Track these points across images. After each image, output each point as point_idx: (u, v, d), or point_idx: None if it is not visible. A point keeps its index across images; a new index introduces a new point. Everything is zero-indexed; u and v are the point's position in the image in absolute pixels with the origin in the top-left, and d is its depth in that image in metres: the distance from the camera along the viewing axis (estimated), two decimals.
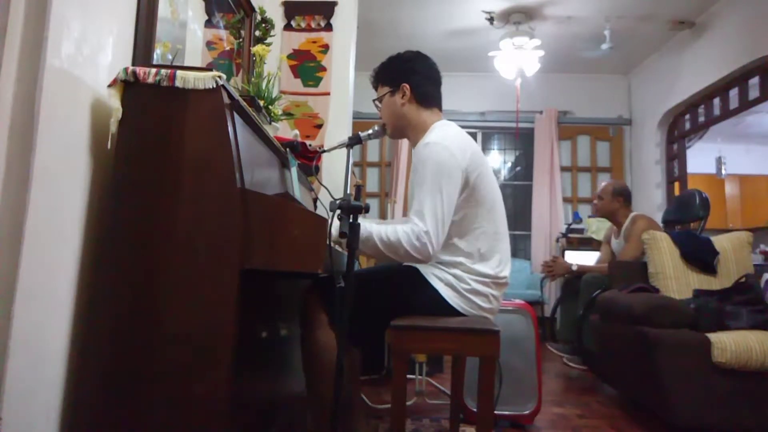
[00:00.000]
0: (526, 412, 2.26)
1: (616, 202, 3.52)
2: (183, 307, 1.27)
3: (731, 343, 2.19)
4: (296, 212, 1.39)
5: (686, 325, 2.31)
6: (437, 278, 1.61)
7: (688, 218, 3.31)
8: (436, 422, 2.30)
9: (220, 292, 1.27)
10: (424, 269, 1.64)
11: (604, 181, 3.78)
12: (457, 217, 1.60)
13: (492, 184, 1.69)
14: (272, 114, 2.10)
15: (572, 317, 3.45)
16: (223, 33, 2.49)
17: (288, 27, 3.16)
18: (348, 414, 1.69)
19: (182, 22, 2.01)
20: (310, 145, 2.20)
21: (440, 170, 1.55)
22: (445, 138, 1.62)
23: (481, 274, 1.61)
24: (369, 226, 1.52)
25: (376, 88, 1.84)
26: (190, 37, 2.09)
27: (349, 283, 1.30)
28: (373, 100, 1.84)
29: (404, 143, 5.87)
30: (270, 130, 1.88)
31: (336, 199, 1.38)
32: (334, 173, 2.86)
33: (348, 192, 1.38)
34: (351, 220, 1.33)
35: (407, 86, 1.74)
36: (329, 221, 1.36)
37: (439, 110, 1.79)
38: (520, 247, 6.13)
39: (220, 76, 1.35)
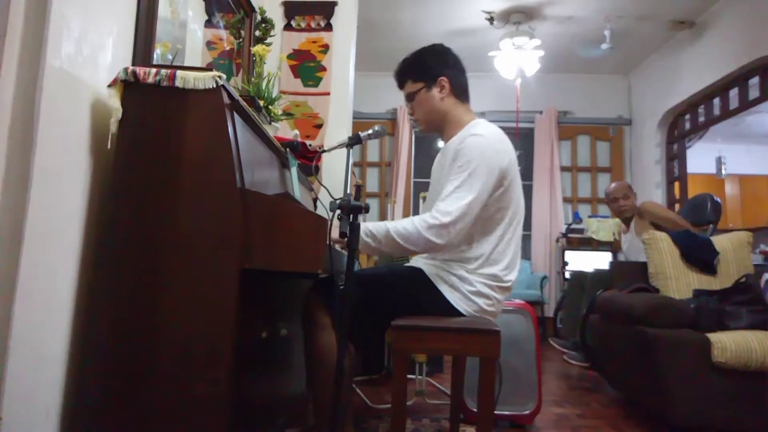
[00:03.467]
0: (526, 412, 2.26)
1: (635, 198, 3.60)
2: (183, 307, 1.27)
3: (731, 343, 2.19)
4: (296, 212, 1.39)
5: (686, 325, 2.31)
6: (441, 279, 1.60)
7: (699, 222, 3.31)
8: (436, 422, 2.30)
9: (220, 292, 1.27)
10: (428, 270, 1.63)
11: (613, 183, 3.72)
12: (481, 216, 1.58)
13: (519, 192, 1.68)
14: (272, 114, 2.10)
15: (576, 313, 3.45)
16: (223, 33, 2.49)
17: (288, 27, 3.16)
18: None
19: (182, 22, 2.01)
20: (310, 145, 2.20)
21: (481, 163, 1.54)
22: (491, 134, 1.62)
23: (486, 276, 1.60)
24: (384, 223, 1.53)
25: (402, 86, 1.77)
26: (190, 37, 2.09)
27: (349, 283, 1.29)
28: (406, 95, 1.75)
29: (404, 143, 5.87)
30: (270, 130, 1.88)
31: (336, 199, 1.37)
32: (334, 173, 2.86)
33: (348, 192, 1.38)
34: (351, 220, 1.32)
35: (445, 79, 1.69)
36: (329, 221, 1.36)
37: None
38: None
39: (220, 76, 1.35)
